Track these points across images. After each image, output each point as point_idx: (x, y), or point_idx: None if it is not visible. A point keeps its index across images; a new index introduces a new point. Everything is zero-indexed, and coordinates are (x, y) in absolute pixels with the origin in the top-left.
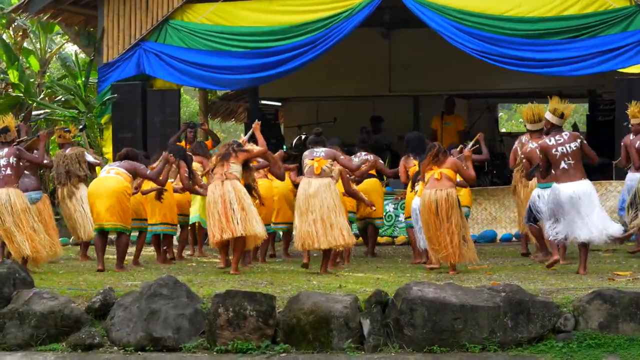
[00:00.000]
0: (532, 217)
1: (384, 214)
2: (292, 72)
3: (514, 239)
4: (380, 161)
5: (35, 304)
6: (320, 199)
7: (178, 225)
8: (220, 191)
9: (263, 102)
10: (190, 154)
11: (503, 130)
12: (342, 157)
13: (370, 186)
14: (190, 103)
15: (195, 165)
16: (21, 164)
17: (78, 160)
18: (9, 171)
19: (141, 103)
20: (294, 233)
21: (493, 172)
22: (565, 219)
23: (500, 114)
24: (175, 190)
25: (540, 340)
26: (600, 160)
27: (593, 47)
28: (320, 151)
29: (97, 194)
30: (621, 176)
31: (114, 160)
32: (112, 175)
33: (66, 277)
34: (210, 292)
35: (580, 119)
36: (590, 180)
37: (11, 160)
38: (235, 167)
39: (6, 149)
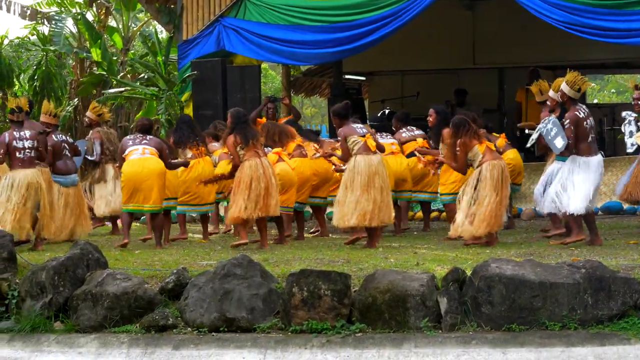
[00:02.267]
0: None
1: None
2: (372, 45)
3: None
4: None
5: (109, 285)
6: (382, 175)
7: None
8: (262, 169)
9: (346, 76)
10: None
11: (595, 101)
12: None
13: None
14: (275, 79)
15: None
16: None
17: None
18: (33, 153)
19: (221, 80)
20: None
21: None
22: (589, 190)
23: (593, 84)
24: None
25: (622, 318)
26: None
27: None
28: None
29: (143, 176)
30: None
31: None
32: (149, 156)
33: (141, 256)
34: (285, 271)
35: None
36: None
37: (35, 143)
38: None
39: (28, 131)
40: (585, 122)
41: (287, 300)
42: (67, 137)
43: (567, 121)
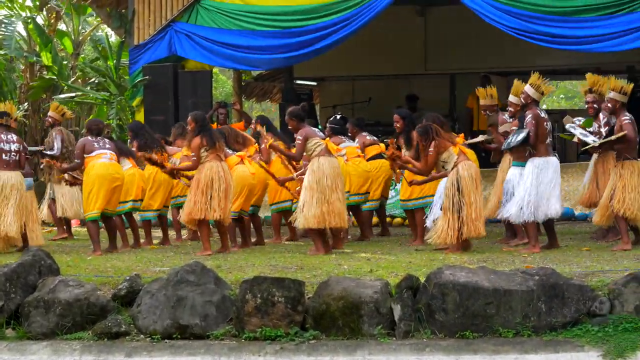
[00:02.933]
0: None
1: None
2: (324, 50)
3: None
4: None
5: (61, 292)
6: (342, 179)
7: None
8: (222, 172)
9: (298, 82)
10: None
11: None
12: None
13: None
14: (225, 84)
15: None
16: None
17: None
18: (17, 157)
19: (173, 85)
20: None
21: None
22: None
23: (553, 88)
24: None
25: (575, 325)
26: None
27: (630, 23)
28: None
29: (119, 179)
30: None
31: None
32: (114, 162)
33: (94, 263)
34: (238, 277)
35: None
36: None
37: (21, 147)
38: None
39: (14, 135)
40: (545, 123)
41: (241, 307)
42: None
43: (530, 116)
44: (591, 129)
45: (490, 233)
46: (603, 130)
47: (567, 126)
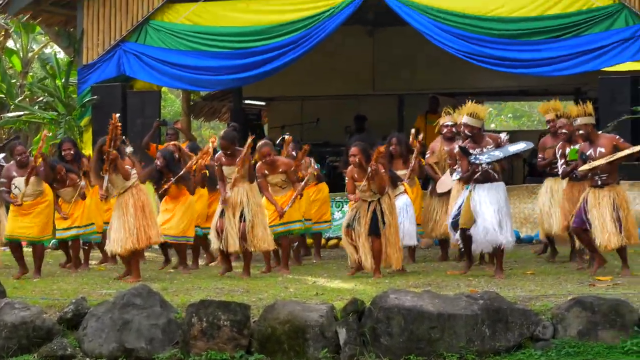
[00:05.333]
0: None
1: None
2: (274, 72)
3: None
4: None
5: (7, 315)
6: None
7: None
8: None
9: (247, 101)
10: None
11: (492, 125)
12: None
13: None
14: (174, 102)
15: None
16: None
17: None
18: None
19: (122, 104)
20: None
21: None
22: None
23: (490, 109)
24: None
25: (519, 349)
26: None
27: (577, 47)
28: None
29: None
30: None
31: None
32: None
33: (40, 285)
34: (185, 300)
35: None
36: None
37: None
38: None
39: None
40: None
41: (187, 330)
42: None
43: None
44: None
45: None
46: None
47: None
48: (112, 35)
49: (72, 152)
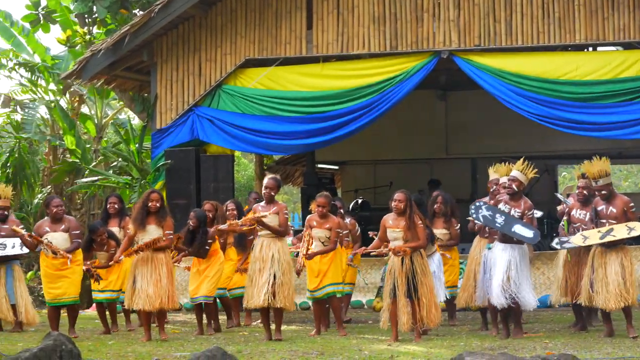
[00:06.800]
0: None
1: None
2: (347, 136)
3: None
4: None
5: None
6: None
7: None
8: None
9: (320, 165)
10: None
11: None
12: None
13: None
14: (247, 167)
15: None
16: None
17: None
18: None
19: (195, 169)
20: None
21: (553, 236)
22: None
23: (564, 173)
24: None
25: None
26: None
27: None
28: None
29: None
30: None
31: None
32: None
33: (114, 347)
34: None
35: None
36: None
37: None
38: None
39: None
40: None
41: None
42: None
43: (531, 212)
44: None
45: None
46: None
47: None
48: (185, 100)
49: (116, 206)
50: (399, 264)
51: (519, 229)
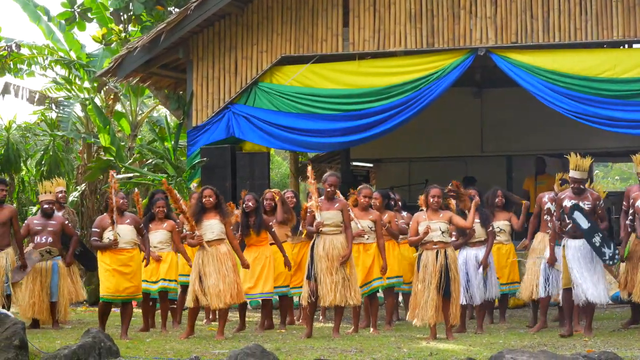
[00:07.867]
0: None
1: None
2: (383, 134)
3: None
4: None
5: None
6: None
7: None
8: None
9: (354, 163)
10: None
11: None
12: None
13: None
14: (282, 165)
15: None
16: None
17: None
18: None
19: (231, 166)
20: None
21: None
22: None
23: (596, 171)
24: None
25: None
26: None
27: None
28: None
29: None
30: None
31: None
32: None
33: (153, 345)
34: None
35: None
36: None
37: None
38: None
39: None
40: None
41: None
42: None
43: (601, 202)
44: None
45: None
46: None
47: None
48: (221, 97)
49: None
50: (434, 259)
51: (598, 242)
